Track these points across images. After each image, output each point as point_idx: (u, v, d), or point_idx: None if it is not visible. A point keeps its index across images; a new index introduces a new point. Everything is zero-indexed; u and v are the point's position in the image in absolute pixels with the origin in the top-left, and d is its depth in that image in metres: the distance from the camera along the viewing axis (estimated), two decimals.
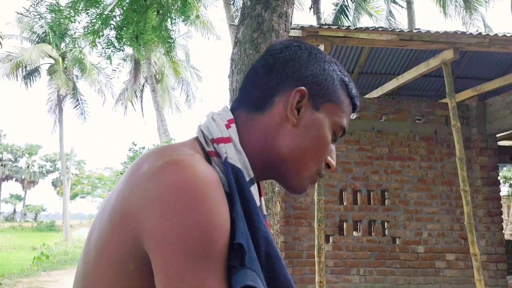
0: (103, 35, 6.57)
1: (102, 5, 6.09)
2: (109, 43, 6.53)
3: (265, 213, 0.82)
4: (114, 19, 6.15)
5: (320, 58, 0.81)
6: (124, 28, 6.01)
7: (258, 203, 0.73)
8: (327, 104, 0.79)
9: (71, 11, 6.12)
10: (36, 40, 23.05)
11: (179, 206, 0.61)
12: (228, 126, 0.77)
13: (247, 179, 0.72)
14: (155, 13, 6.39)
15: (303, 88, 0.77)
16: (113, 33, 6.58)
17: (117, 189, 0.70)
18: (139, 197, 0.64)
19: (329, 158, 0.82)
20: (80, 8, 6.04)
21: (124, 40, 6.18)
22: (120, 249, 0.65)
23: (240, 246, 0.63)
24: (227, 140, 0.74)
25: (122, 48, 6.70)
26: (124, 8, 5.94)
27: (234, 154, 0.73)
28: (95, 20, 6.16)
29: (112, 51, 6.58)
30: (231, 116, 0.79)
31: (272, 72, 0.80)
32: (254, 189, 0.74)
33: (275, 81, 0.79)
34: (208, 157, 0.73)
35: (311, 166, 0.80)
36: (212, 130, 0.76)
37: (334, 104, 0.80)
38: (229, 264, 0.63)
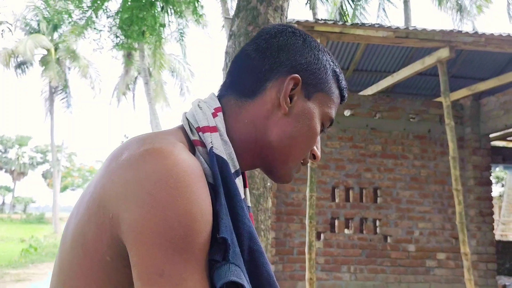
0: (98, 28, 6.55)
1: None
2: (118, 44, 6.55)
3: (249, 204, 0.79)
4: (120, 18, 6.16)
5: (314, 46, 0.79)
6: (131, 26, 6.02)
7: (242, 196, 0.69)
8: (319, 94, 0.77)
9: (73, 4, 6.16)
10: (29, 30, 22.77)
11: (159, 196, 0.57)
12: (214, 115, 0.73)
13: (232, 170, 0.69)
14: (160, 8, 6.38)
15: (297, 75, 0.75)
16: (113, 27, 6.59)
17: (96, 178, 0.66)
18: (118, 186, 0.61)
19: (315, 148, 0.80)
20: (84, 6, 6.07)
21: (132, 37, 6.21)
22: (97, 239, 0.62)
23: (224, 241, 0.60)
24: (213, 129, 0.71)
25: (130, 45, 6.72)
26: (128, 5, 5.93)
27: (220, 144, 0.69)
28: (87, 9, 6.13)
29: (122, 44, 6.60)
30: (218, 104, 0.76)
31: (266, 57, 0.76)
32: (239, 181, 0.70)
33: (268, 67, 0.76)
34: (192, 146, 0.69)
35: (299, 155, 0.78)
36: (198, 118, 0.72)
37: (325, 94, 0.78)
38: (211, 259, 0.60)
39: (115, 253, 0.61)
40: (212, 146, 0.68)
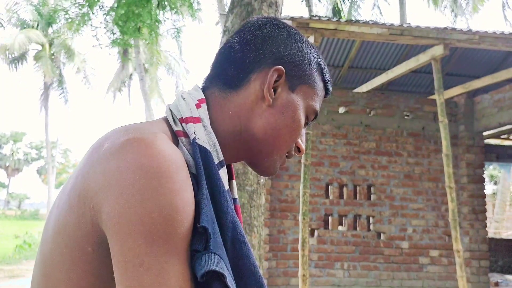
0: (90, 21, 6.54)
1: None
2: (114, 41, 6.53)
3: (235, 196, 0.79)
4: (116, 14, 6.14)
5: (298, 38, 0.79)
6: (126, 22, 6.01)
7: (226, 187, 0.69)
8: (303, 86, 0.77)
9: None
10: (22, 26, 22.60)
11: (139, 186, 0.57)
12: (198, 106, 0.73)
13: (216, 161, 0.69)
14: (156, 5, 6.37)
15: (281, 67, 0.75)
16: (110, 25, 6.58)
17: (78, 168, 0.66)
18: (98, 176, 0.60)
19: (299, 141, 0.80)
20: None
21: (128, 33, 6.21)
22: (78, 230, 0.62)
23: (205, 230, 0.60)
24: (197, 120, 0.70)
25: (126, 41, 6.72)
26: (125, 1, 5.91)
27: (203, 135, 0.69)
28: (83, 3, 6.12)
29: (117, 41, 6.59)
30: (202, 96, 0.75)
31: (249, 48, 0.76)
32: (223, 171, 0.70)
33: (252, 58, 0.76)
34: (175, 137, 0.69)
35: (283, 148, 0.78)
36: (181, 109, 0.72)
37: (309, 87, 0.78)
38: (192, 249, 0.59)
39: (96, 244, 0.61)
40: (195, 137, 0.68)
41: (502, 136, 8.61)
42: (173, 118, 0.72)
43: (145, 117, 17.87)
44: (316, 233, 6.12)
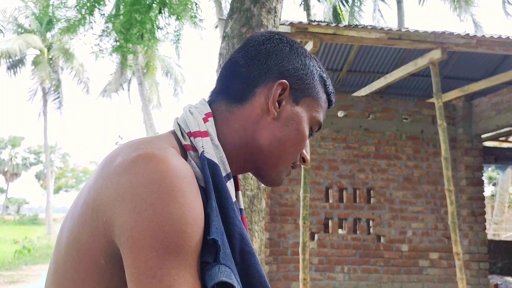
0: (89, 22, 6.54)
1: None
2: (116, 48, 6.54)
3: (241, 207, 0.81)
4: (114, 21, 6.16)
5: (301, 52, 0.81)
6: (129, 29, 6.03)
7: (234, 199, 0.71)
8: (307, 99, 0.80)
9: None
10: (21, 31, 22.62)
11: (151, 201, 0.59)
12: (205, 120, 0.75)
13: (224, 174, 0.71)
14: (158, 12, 6.38)
15: (285, 81, 0.77)
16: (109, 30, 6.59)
17: (90, 182, 0.68)
18: (111, 190, 0.62)
19: (304, 152, 0.82)
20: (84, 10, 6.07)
21: (131, 40, 6.22)
22: (91, 243, 0.64)
23: (214, 242, 0.61)
24: (204, 134, 0.72)
25: (129, 49, 6.73)
26: (126, 8, 5.92)
27: (211, 149, 0.71)
28: (80, 6, 6.13)
29: (120, 47, 6.61)
30: (208, 110, 0.78)
31: (254, 63, 0.79)
32: (230, 184, 0.72)
33: (257, 73, 0.78)
34: (184, 150, 0.71)
35: (288, 159, 0.80)
36: (189, 123, 0.74)
37: (313, 99, 0.80)
38: (203, 260, 0.61)
39: (109, 256, 0.63)
40: (203, 151, 0.70)
41: (500, 139, 8.65)
42: (181, 132, 0.74)
43: (143, 120, 17.88)
44: (316, 236, 6.14)
